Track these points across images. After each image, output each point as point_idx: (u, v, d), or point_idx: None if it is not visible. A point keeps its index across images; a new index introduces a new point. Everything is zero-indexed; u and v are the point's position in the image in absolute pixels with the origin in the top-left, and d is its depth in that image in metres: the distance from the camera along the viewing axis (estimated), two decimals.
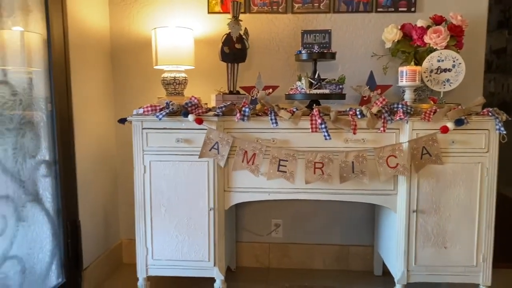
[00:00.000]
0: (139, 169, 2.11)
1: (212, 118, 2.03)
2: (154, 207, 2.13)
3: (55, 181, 2.06)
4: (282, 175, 2.06)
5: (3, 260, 1.71)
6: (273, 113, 2.03)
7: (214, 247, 2.13)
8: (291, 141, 2.07)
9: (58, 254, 2.10)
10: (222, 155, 2.05)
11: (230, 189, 2.12)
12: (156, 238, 2.15)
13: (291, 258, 2.70)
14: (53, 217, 2.05)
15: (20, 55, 1.86)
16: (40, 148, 1.96)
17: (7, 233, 1.73)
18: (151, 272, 2.17)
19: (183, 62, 2.30)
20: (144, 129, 2.08)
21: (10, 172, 1.74)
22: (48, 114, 2.01)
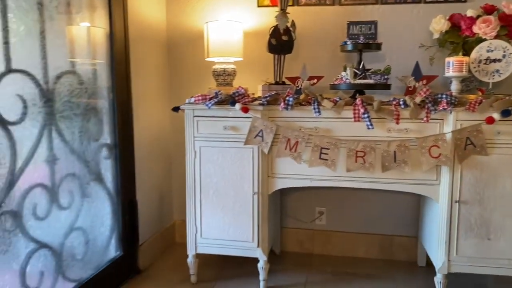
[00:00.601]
0: (190, 154, 2.27)
1: (257, 107, 2.14)
2: (203, 189, 2.28)
3: (115, 163, 2.27)
4: (324, 163, 2.13)
5: (70, 230, 1.94)
6: (316, 102, 2.10)
7: (258, 229, 2.25)
8: (334, 130, 2.13)
9: (117, 229, 2.31)
10: (266, 143, 2.16)
11: (273, 175, 2.22)
12: (204, 218, 2.30)
13: (334, 245, 2.76)
14: (113, 195, 2.27)
15: (86, 48, 2.07)
16: (102, 132, 2.17)
17: (73, 207, 1.95)
18: (199, 249, 2.34)
19: (232, 54, 2.43)
20: (195, 117, 2.24)
21: (76, 153, 1.96)
22: (110, 102, 2.22)
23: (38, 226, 1.72)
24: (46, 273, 1.78)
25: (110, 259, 2.25)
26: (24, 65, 1.64)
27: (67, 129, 1.88)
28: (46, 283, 1.79)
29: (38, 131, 1.71)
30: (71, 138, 1.91)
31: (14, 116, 1.58)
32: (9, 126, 1.56)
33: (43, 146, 1.74)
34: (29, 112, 1.65)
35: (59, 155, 1.84)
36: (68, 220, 1.92)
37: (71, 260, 1.94)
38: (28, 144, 1.66)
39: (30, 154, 1.67)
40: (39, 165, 1.72)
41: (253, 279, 2.37)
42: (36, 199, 1.71)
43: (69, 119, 1.90)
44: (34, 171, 1.69)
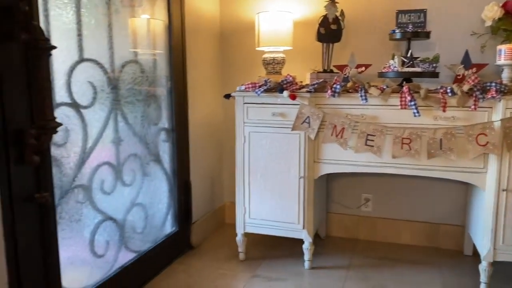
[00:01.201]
0: (240, 139, 2.40)
1: (304, 94, 2.23)
2: (251, 172, 2.41)
3: (172, 146, 2.45)
4: (369, 149, 2.19)
5: (132, 206, 2.13)
6: (363, 90, 2.16)
7: (303, 212, 2.35)
8: (380, 117, 2.18)
9: (173, 207, 2.50)
10: (313, 129, 2.24)
11: (319, 160, 2.31)
12: (252, 199, 2.43)
13: (379, 231, 2.81)
14: (170, 175, 2.45)
15: (147, 39, 2.24)
16: (161, 117, 2.35)
17: (135, 184, 2.14)
18: (247, 229, 2.48)
19: (282, 43, 2.52)
20: (245, 103, 2.36)
21: (138, 135, 2.15)
22: (168, 90, 2.39)
23: (104, 200, 1.93)
24: (111, 243, 1.99)
25: (166, 234, 2.44)
26: (94, 54, 1.82)
27: (130, 113, 2.07)
28: (111, 252, 1.99)
29: (106, 114, 1.90)
30: (133, 122, 2.10)
31: (86, 101, 1.78)
32: (81, 110, 1.76)
33: (110, 128, 1.93)
34: (98, 97, 1.84)
35: (123, 137, 2.03)
36: (130, 196, 2.12)
37: (132, 233, 2.14)
38: (97, 126, 1.86)
39: (99, 135, 1.86)
40: (106, 145, 1.92)
41: (298, 260, 2.48)
42: (104, 176, 1.91)
43: (132, 104, 2.08)
44: (102, 150, 1.89)
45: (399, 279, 2.29)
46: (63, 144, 1.67)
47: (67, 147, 1.69)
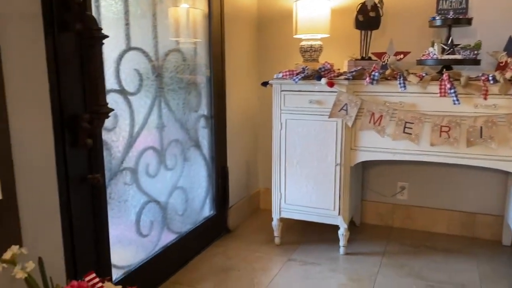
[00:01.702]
0: (276, 125, 2.45)
1: (342, 81, 2.25)
2: (288, 159, 2.46)
3: (211, 132, 2.52)
4: (407, 137, 2.19)
5: (173, 189, 2.22)
6: (402, 77, 2.15)
7: (339, 199, 2.38)
8: (418, 105, 2.17)
9: (211, 191, 2.58)
10: (350, 116, 2.26)
11: (356, 148, 2.33)
12: (288, 186, 2.48)
13: (414, 220, 2.81)
14: (208, 161, 2.53)
15: (187, 28, 2.30)
16: (200, 104, 2.42)
17: (176, 169, 2.23)
18: (283, 214, 2.53)
19: (319, 31, 2.53)
20: (283, 91, 2.40)
21: (180, 122, 2.22)
22: (207, 78, 2.45)
23: (149, 183, 2.02)
24: (155, 224, 2.09)
25: (205, 217, 2.52)
26: (139, 43, 1.90)
27: (173, 100, 2.15)
28: (155, 232, 2.09)
29: (151, 101, 1.98)
30: (175, 109, 2.17)
31: (132, 88, 1.86)
32: (129, 96, 1.84)
33: (154, 114, 2.01)
34: (143, 85, 1.93)
35: (166, 122, 2.11)
36: (172, 180, 2.21)
37: (173, 215, 2.24)
38: (143, 112, 1.94)
39: (144, 121, 1.95)
40: (151, 131, 2.01)
41: (332, 245, 2.52)
42: (148, 160, 2.00)
43: (174, 91, 2.16)
44: (147, 135, 1.98)
45: (435, 267, 2.30)
46: (113, 128, 1.76)
47: (116, 132, 1.78)
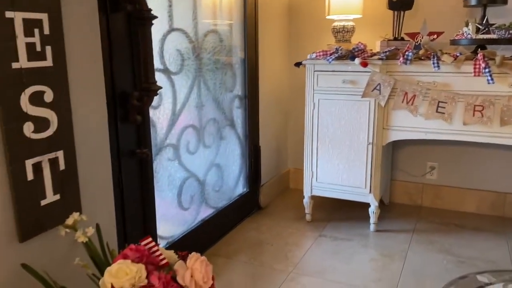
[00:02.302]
0: (309, 105, 2.50)
1: (376, 61, 2.28)
2: (320, 138, 2.52)
3: (244, 112, 2.59)
4: (440, 116, 2.22)
5: (211, 165, 2.32)
6: (435, 57, 2.17)
7: (370, 177, 2.44)
8: (452, 85, 2.19)
9: (244, 169, 2.67)
10: (383, 96, 2.30)
11: (388, 127, 2.37)
12: (320, 164, 2.55)
13: (443, 199, 2.84)
14: (242, 140, 2.61)
15: (224, 10, 2.36)
16: (235, 85, 2.49)
17: (213, 147, 2.32)
18: (314, 192, 2.60)
19: (352, 11, 2.56)
20: (316, 71, 2.44)
21: (216, 101, 2.30)
22: (242, 59, 2.52)
23: (189, 159, 2.11)
24: (194, 198, 2.19)
25: (239, 194, 2.62)
26: (181, 24, 1.97)
27: (210, 80, 2.22)
28: (194, 206, 2.20)
29: (191, 80, 2.07)
30: (213, 89, 2.25)
31: (175, 68, 1.94)
32: (172, 76, 1.92)
33: (194, 94, 2.10)
34: (185, 64, 2.01)
35: (205, 102, 2.19)
36: (210, 157, 2.30)
37: (211, 191, 2.34)
38: (184, 91, 2.03)
39: (185, 100, 2.04)
40: (191, 109, 2.09)
41: (362, 223, 2.59)
42: (189, 137, 2.09)
43: (212, 72, 2.23)
44: (188, 114, 2.07)
45: (465, 244, 2.34)
46: (157, 106, 1.85)
47: (160, 110, 1.87)
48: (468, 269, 2.09)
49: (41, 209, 1.30)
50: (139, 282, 1.23)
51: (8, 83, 1.16)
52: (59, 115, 1.32)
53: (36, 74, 1.24)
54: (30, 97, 1.22)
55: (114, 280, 1.18)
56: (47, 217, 1.32)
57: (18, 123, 1.21)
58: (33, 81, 1.23)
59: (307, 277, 2.04)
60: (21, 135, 1.21)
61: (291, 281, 2.00)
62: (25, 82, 1.21)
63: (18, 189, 1.23)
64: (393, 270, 2.09)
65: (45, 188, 1.30)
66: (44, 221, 1.31)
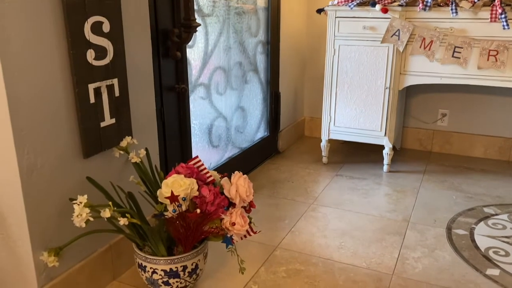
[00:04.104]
0: (330, 51, 2.61)
1: (396, 8, 2.37)
2: (339, 84, 2.64)
3: (267, 58, 2.70)
4: (456, 61, 2.33)
5: (236, 108, 2.46)
6: (454, 3, 2.26)
7: (386, 120, 2.58)
8: (468, 30, 2.29)
9: (265, 114, 2.81)
10: (402, 41, 2.40)
11: (405, 72, 2.49)
12: (338, 109, 2.68)
13: (452, 145, 3.00)
14: (264, 85, 2.73)
15: None
16: (259, 31, 2.58)
17: (239, 89, 2.45)
18: (332, 136, 2.75)
19: None
20: (337, 17, 2.54)
21: (242, 45, 2.41)
22: (265, 7, 2.60)
23: (218, 99, 2.25)
24: (222, 137, 2.34)
25: (260, 137, 2.77)
26: None
27: (238, 24, 2.33)
28: (222, 144, 2.35)
29: (221, 23, 2.17)
30: (239, 32, 2.36)
31: (207, 9, 2.05)
32: (205, 17, 2.03)
33: (224, 36, 2.21)
34: (215, 6, 2.10)
35: (232, 45, 2.30)
36: (236, 99, 2.43)
37: (236, 132, 2.49)
38: (215, 33, 2.14)
39: (216, 41, 2.15)
40: (220, 52, 2.21)
41: (376, 165, 2.75)
42: (218, 78, 2.22)
43: (239, 16, 2.33)
44: (218, 55, 2.18)
45: (473, 182, 2.51)
46: (192, 46, 1.97)
47: (194, 50, 1.99)
48: (476, 203, 2.26)
49: (101, 130, 1.45)
50: (192, 193, 1.40)
51: (74, 10, 1.28)
52: (115, 45, 1.44)
53: (96, 5, 1.35)
54: (91, 26, 1.34)
55: (172, 189, 1.35)
56: (105, 138, 1.47)
57: (83, 49, 1.33)
58: (93, 11, 1.35)
59: (327, 207, 2.22)
60: (85, 61, 1.35)
61: (312, 211, 2.19)
62: (87, 12, 1.33)
63: (83, 110, 1.37)
64: (406, 203, 2.27)
65: (103, 111, 1.44)
66: (103, 141, 1.47)
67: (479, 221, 2.08)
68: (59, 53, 1.28)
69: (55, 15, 1.25)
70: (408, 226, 2.04)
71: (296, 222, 2.06)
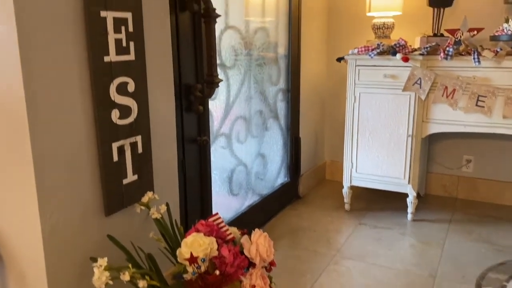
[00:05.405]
0: (350, 99, 2.61)
1: (417, 56, 2.37)
2: (360, 130, 2.62)
3: (287, 105, 2.72)
4: (480, 110, 2.30)
5: (257, 155, 2.46)
6: (476, 52, 2.25)
7: (409, 168, 2.53)
8: (492, 79, 2.27)
9: (286, 160, 2.80)
10: (424, 90, 2.39)
11: (428, 120, 2.46)
12: (360, 156, 2.65)
13: (479, 192, 2.91)
14: (284, 131, 2.74)
15: (271, 8, 2.49)
16: (279, 79, 2.62)
17: (259, 137, 2.46)
18: (354, 182, 2.72)
19: (392, 8, 2.65)
20: (357, 66, 2.55)
21: (263, 94, 2.44)
22: (286, 54, 2.65)
23: (239, 148, 2.26)
24: (242, 185, 2.34)
25: (281, 183, 2.75)
26: (235, 22, 2.11)
27: (259, 74, 2.36)
28: (242, 192, 2.34)
29: (242, 75, 2.21)
30: (260, 82, 2.39)
31: (229, 62, 2.09)
32: (227, 70, 2.07)
33: (245, 87, 2.24)
34: (237, 59, 2.15)
35: (253, 95, 2.33)
36: (256, 147, 2.44)
37: (256, 179, 2.48)
38: (236, 85, 2.17)
39: (237, 92, 2.18)
40: (241, 102, 2.23)
41: (400, 213, 2.68)
42: (239, 127, 2.24)
43: (260, 66, 2.37)
44: (239, 105, 2.21)
45: (503, 234, 2.42)
46: (214, 98, 2.00)
47: (216, 101, 2.02)
48: (506, 257, 2.17)
49: (123, 188, 1.46)
50: (212, 253, 1.38)
51: (101, 74, 1.32)
52: (139, 103, 1.47)
53: (122, 67, 1.39)
54: (117, 87, 1.38)
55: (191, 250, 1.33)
56: (127, 195, 1.48)
57: (108, 110, 1.37)
58: (119, 73, 1.39)
59: (350, 260, 2.16)
60: (109, 121, 1.38)
61: (335, 264, 2.13)
62: (113, 74, 1.37)
63: (106, 168, 1.39)
64: (432, 256, 2.19)
65: (126, 168, 1.46)
66: (125, 198, 1.48)
67: (510, 277, 1.99)
68: (85, 114, 1.31)
69: (81, 78, 1.29)
70: (435, 282, 1.96)
71: (318, 278, 2.01)
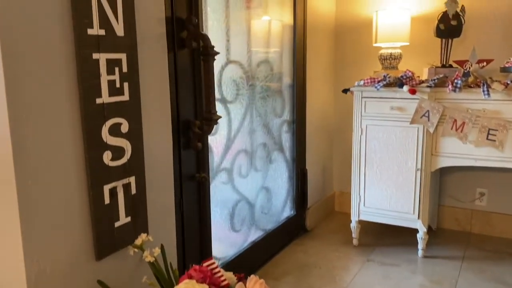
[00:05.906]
0: (357, 131, 2.56)
1: (424, 89, 2.31)
2: (367, 163, 2.55)
3: (292, 137, 2.67)
4: (491, 144, 2.21)
5: (261, 189, 2.40)
6: (485, 85, 2.19)
7: (419, 203, 2.44)
8: (503, 112, 2.19)
9: (291, 193, 2.74)
10: (432, 122, 2.32)
11: (437, 154, 2.38)
12: (368, 189, 2.58)
13: (494, 226, 2.79)
14: (290, 163, 2.69)
15: (275, 39, 2.47)
16: (284, 110, 2.58)
17: (263, 170, 2.41)
18: (362, 217, 2.63)
19: (399, 39, 2.61)
20: (364, 97, 2.50)
21: (267, 127, 2.40)
22: (290, 85, 2.61)
23: (241, 183, 2.21)
24: (245, 220, 2.28)
25: (286, 217, 2.68)
26: (236, 56, 2.10)
27: (262, 107, 2.33)
28: (245, 228, 2.28)
29: (245, 108, 2.18)
30: (264, 115, 2.35)
31: (231, 97, 2.06)
32: (228, 104, 2.04)
33: (247, 120, 2.20)
34: (239, 93, 2.12)
35: (256, 127, 2.29)
36: (260, 181, 2.39)
37: (260, 213, 2.41)
38: (238, 119, 2.14)
39: (239, 126, 2.14)
40: (244, 135, 2.20)
41: (410, 248, 2.58)
42: (241, 162, 2.19)
43: (264, 99, 2.34)
44: (241, 139, 2.17)
45: None
46: (214, 133, 1.97)
47: (217, 136, 1.99)
48: None
49: (115, 230, 1.42)
50: None
51: (92, 116, 1.30)
52: (133, 144, 1.44)
53: (115, 108, 1.37)
54: (109, 128, 1.35)
55: None
56: (120, 237, 1.44)
57: (99, 152, 1.34)
58: (112, 114, 1.36)
59: None
60: (101, 163, 1.34)
61: None
62: (106, 115, 1.35)
63: (97, 212, 1.35)
64: None
65: (119, 211, 1.42)
66: (117, 241, 1.43)
67: None
68: (75, 157, 1.28)
69: (72, 121, 1.26)
70: None
71: None
